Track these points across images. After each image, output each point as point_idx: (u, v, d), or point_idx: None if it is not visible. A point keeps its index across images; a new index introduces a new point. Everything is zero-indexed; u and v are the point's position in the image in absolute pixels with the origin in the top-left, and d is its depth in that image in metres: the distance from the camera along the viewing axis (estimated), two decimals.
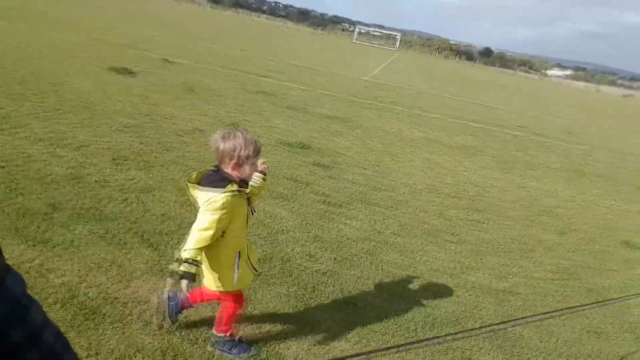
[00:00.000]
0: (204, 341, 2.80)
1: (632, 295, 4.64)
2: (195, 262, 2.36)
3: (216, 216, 2.34)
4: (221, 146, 2.40)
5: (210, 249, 2.47)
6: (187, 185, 2.47)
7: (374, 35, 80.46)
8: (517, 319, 3.78)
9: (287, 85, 13.40)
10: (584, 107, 33.31)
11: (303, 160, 6.74)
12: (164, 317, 2.80)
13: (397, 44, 71.23)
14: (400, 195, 6.15)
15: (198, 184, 2.42)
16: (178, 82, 10.57)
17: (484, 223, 5.79)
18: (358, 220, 5.05)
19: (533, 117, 19.23)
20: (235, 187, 2.39)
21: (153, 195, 4.57)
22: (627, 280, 5.02)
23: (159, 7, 48.73)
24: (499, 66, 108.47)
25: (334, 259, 4.11)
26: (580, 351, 3.57)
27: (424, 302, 3.74)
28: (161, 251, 3.65)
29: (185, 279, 2.34)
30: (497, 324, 3.65)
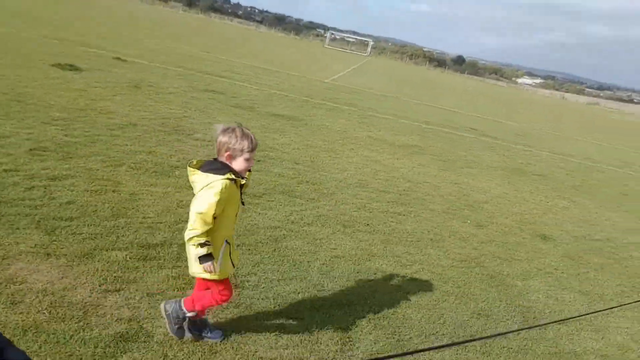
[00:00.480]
0: (73, 319, 2.83)
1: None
2: (207, 243, 2.55)
3: (215, 199, 2.48)
4: (219, 138, 2.58)
5: None
6: (188, 169, 2.60)
7: (346, 41, 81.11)
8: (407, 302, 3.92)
9: (241, 85, 13.44)
10: (543, 113, 34.20)
11: None
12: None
13: (369, 49, 72.03)
14: (326, 189, 6.26)
15: (198, 169, 2.57)
16: (125, 79, 10.52)
17: (404, 215, 5.94)
18: (274, 211, 5.14)
19: (489, 120, 19.71)
20: (232, 175, 2.54)
21: (62, 184, 4.57)
22: (532, 268, 5.23)
23: (131, 8, 48.18)
24: (468, 73, 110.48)
25: (235, 245, 4.17)
26: (464, 332, 3.71)
27: (316, 284, 3.84)
28: (56, 235, 3.66)
29: (206, 261, 2.56)
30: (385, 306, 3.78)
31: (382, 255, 4.70)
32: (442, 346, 3.42)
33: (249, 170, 2.79)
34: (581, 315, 4.39)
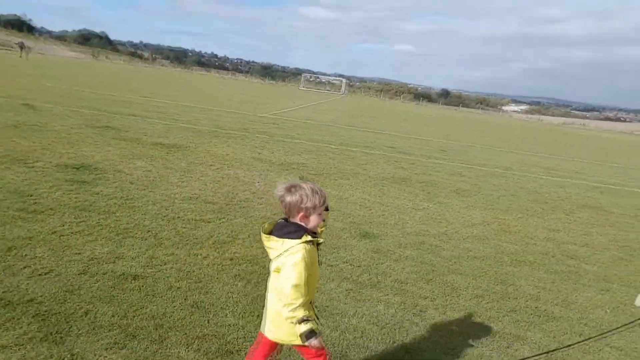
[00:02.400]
0: None
1: None
2: (308, 318, 2.40)
3: (302, 265, 2.33)
4: (287, 199, 2.42)
5: None
6: (261, 235, 2.47)
7: (323, 83, 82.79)
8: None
9: (150, 122, 13.48)
10: (492, 133, 33.90)
11: (59, 178, 6.67)
12: None
13: (343, 88, 73.51)
14: (139, 203, 6.10)
15: (270, 233, 2.44)
16: (9, 121, 10.52)
17: (208, 222, 5.77)
18: (43, 224, 4.97)
19: (420, 140, 19.73)
20: (309, 237, 2.40)
21: None
22: None
23: (107, 66, 49.33)
24: (454, 105, 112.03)
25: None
26: (140, 321, 3.49)
27: (11, 286, 3.65)
28: None
29: (313, 337, 2.38)
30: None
31: (135, 257, 4.51)
32: None
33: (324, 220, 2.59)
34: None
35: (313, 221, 2.45)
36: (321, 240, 2.50)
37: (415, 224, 6.91)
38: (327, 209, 2.53)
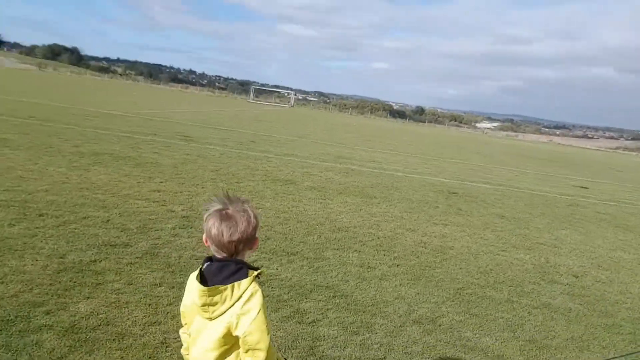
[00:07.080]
0: None
1: None
2: None
3: (263, 310, 1.82)
4: (234, 235, 1.81)
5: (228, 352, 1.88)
6: (198, 292, 1.80)
7: (277, 96, 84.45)
8: None
9: None
10: (369, 137, 33.89)
11: None
12: None
13: (292, 101, 75.07)
14: None
15: (204, 283, 1.81)
16: None
17: None
18: None
19: (263, 136, 20.65)
20: (254, 271, 1.88)
21: None
22: None
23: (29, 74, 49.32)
24: (428, 122, 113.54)
25: None
26: None
27: None
28: None
29: None
30: None
31: None
32: None
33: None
34: None
35: (245, 255, 1.90)
36: (259, 271, 1.89)
37: (39, 186, 7.67)
38: None
